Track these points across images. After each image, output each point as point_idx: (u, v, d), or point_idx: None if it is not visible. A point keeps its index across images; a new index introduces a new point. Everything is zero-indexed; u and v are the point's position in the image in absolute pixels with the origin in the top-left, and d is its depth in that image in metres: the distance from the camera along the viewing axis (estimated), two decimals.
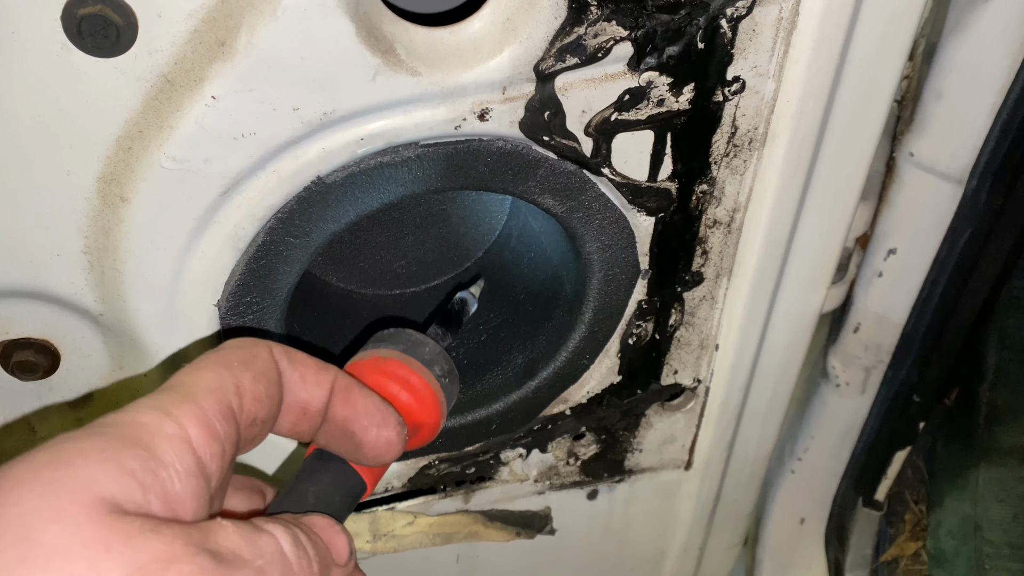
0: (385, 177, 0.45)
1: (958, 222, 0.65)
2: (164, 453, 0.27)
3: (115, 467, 0.26)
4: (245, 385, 0.30)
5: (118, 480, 0.26)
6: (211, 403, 0.29)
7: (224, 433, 0.29)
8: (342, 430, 0.35)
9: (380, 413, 0.36)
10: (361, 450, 0.35)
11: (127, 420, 0.28)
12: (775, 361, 0.67)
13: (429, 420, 0.41)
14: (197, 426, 0.28)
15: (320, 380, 0.34)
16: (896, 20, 0.48)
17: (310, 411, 0.34)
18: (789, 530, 0.96)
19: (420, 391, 0.41)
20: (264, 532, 0.28)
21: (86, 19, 0.35)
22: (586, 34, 0.42)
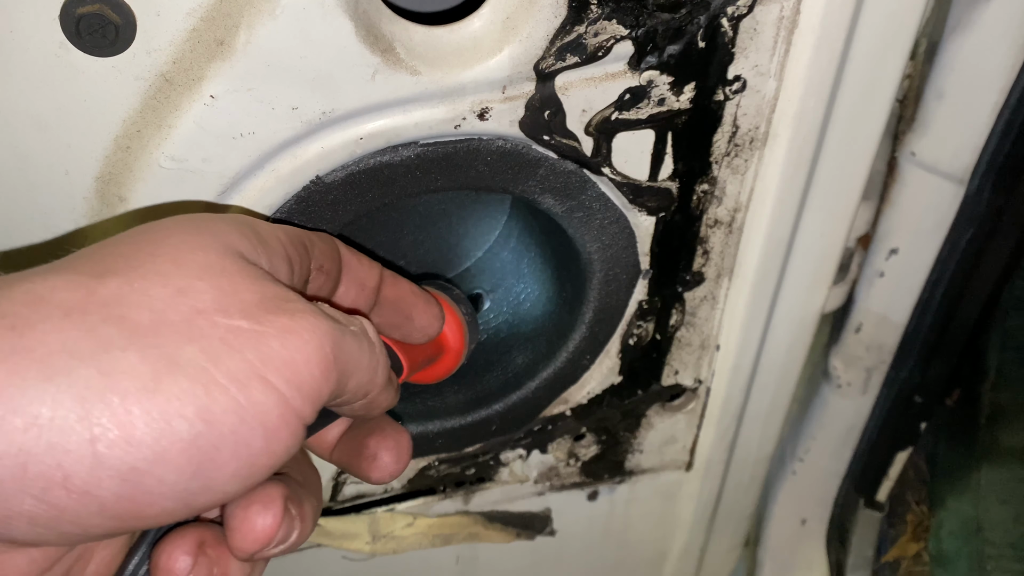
0: (384, 177, 0.44)
1: (960, 222, 0.65)
2: (266, 236, 0.32)
3: (238, 231, 0.31)
4: (315, 239, 0.36)
5: (240, 239, 0.31)
6: (293, 232, 0.34)
7: (301, 255, 0.34)
8: (393, 306, 0.40)
9: (423, 294, 0.42)
10: (411, 322, 0.41)
11: (235, 215, 0.33)
12: (776, 361, 0.67)
13: (455, 345, 0.46)
14: (284, 234, 0.33)
15: (372, 265, 0.40)
16: (897, 19, 0.48)
17: (367, 288, 0.39)
18: (790, 531, 0.96)
19: (448, 316, 0.46)
20: (355, 315, 0.33)
21: (84, 18, 0.35)
22: (586, 33, 0.42)
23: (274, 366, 0.27)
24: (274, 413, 0.27)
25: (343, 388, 0.31)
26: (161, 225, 0.31)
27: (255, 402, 0.27)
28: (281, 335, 0.28)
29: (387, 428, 0.38)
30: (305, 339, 0.28)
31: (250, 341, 0.27)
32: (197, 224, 0.31)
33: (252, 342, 0.27)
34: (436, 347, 0.46)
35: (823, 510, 0.96)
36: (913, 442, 0.85)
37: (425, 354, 0.44)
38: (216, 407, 0.26)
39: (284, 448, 0.28)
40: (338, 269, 0.37)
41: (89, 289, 0.27)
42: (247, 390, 0.27)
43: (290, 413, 0.28)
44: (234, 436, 0.26)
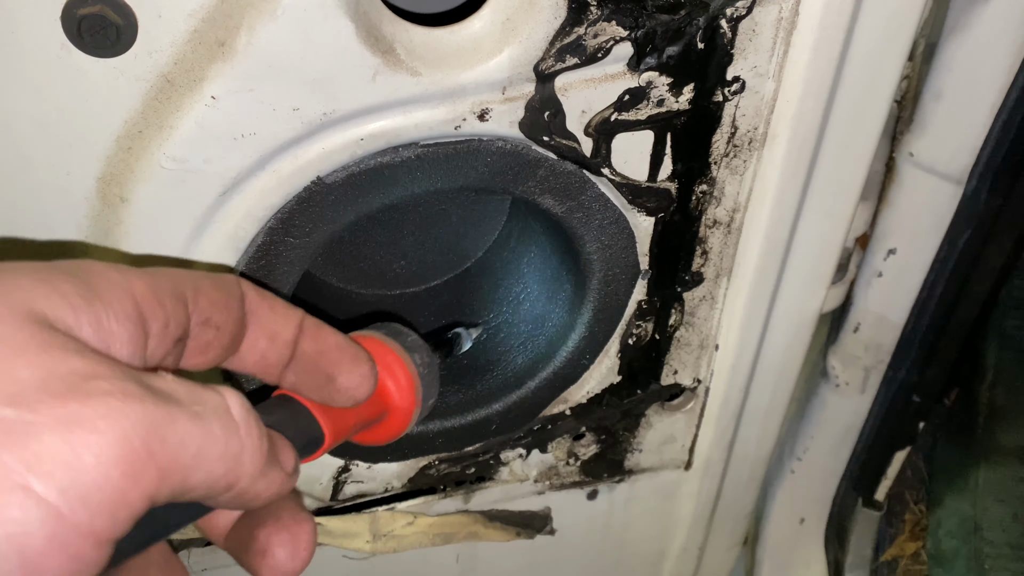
0: (385, 177, 0.45)
1: (958, 222, 0.65)
2: (103, 290, 0.26)
3: (48, 286, 0.25)
4: (204, 286, 0.30)
5: (49, 297, 0.24)
6: (163, 280, 0.28)
7: (171, 309, 0.28)
8: (313, 364, 0.34)
9: (352, 348, 0.35)
10: (333, 383, 0.34)
11: (72, 261, 0.27)
12: (775, 361, 0.67)
13: (401, 403, 0.39)
14: (143, 285, 0.27)
15: (289, 313, 0.33)
16: (896, 20, 0.48)
17: (279, 340, 0.33)
18: (789, 530, 0.96)
19: (394, 369, 0.39)
20: (211, 389, 0.26)
21: (86, 19, 0.35)
22: (586, 34, 0.42)
23: (44, 469, 0.21)
24: (38, 535, 0.21)
25: (182, 486, 0.24)
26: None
27: (8, 521, 0.20)
28: (61, 427, 0.22)
29: (283, 516, 0.32)
30: (99, 429, 0.22)
31: (12, 436, 0.21)
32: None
33: (15, 438, 0.21)
34: (377, 406, 0.39)
35: (822, 509, 0.96)
36: (911, 441, 0.85)
37: (360, 416, 0.37)
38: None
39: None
40: (235, 321, 0.31)
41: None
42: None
43: (68, 532, 0.21)
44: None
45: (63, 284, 0.25)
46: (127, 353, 0.26)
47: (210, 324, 0.30)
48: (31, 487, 0.21)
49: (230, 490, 0.26)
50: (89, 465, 0.22)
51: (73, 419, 0.22)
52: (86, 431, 0.22)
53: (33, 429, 0.21)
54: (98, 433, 0.22)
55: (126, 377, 0.24)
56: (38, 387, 0.22)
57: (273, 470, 0.28)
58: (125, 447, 0.22)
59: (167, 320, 0.28)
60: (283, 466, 0.29)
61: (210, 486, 0.25)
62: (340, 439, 0.36)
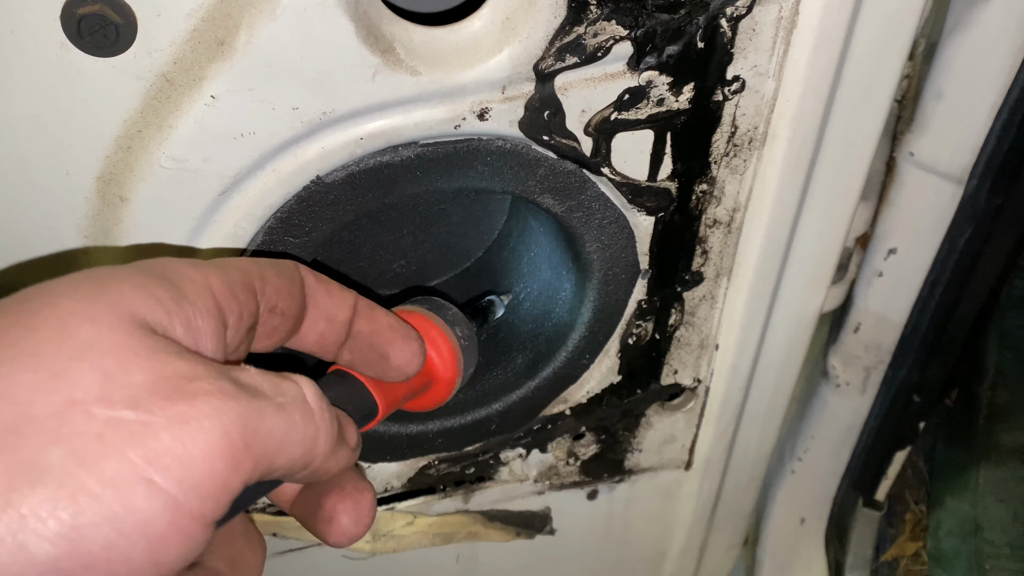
0: (385, 177, 0.45)
1: (958, 222, 0.65)
2: (188, 291, 0.28)
3: (145, 291, 0.27)
4: (269, 275, 0.32)
5: (147, 302, 0.27)
6: (235, 274, 0.30)
7: (243, 300, 0.30)
8: (367, 343, 0.37)
9: (402, 327, 0.38)
10: (387, 360, 0.37)
11: (157, 262, 0.29)
12: (775, 361, 0.67)
13: (445, 374, 0.42)
14: (219, 281, 0.30)
15: (344, 296, 0.36)
16: (896, 19, 0.48)
17: (336, 322, 0.35)
18: (789, 530, 0.96)
19: (438, 342, 0.42)
20: (288, 379, 0.29)
21: (85, 18, 0.35)
22: (586, 33, 0.42)
23: (163, 464, 0.24)
24: (161, 520, 0.24)
25: (270, 468, 0.27)
26: (48, 290, 0.27)
27: (136, 510, 0.23)
28: (173, 426, 0.24)
29: (347, 486, 0.34)
30: (205, 427, 0.25)
31: (135, 436, 0.24)
32: (91, 287, 0.27)
33: (137, 437, 0.24)
34: (423, 377, 0.42)
35: (822, 509, 0.96)
36: (912, 441, 0.85)
37: (409, 388, 0.41)
38: (84, 521, 0.23)
39: (176, 557, 0.24)
40: (298, 305, 0.34)
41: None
42: (125, 496, 0.23)
43: (183, 517, 0.24)
44: (108, 553, 0.23)
45: (157, 289, 0.27)
46: (212, 346, 0.29)
47: (276, 311, 0.32)
48: (153, 480, 0.24)
49: (307, 468, 0.29)
50: (199, 459, 0.24)
51: (182, 418, 0.24)
52: (194, 429, 0.24)
53: (151, 429, 0.24)
54: (204, 430, 0.25)
55: (220, 376, 0.26)
56: (151, 390, 0.25)
57: (341, 447, 0.31)
58: (226, 441, 0.25)
59: (241, 311, 0.30)
60: (348, 442, 0.32)
61: (291, 466, 0.28)
62: (392, 410, 0.39)
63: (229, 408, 0.25)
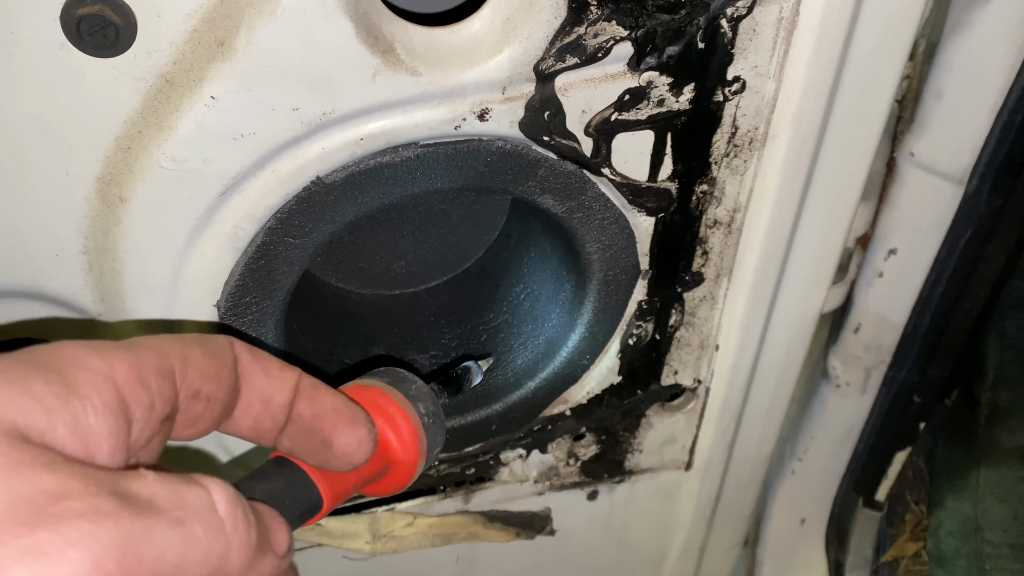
0: (385, 177, 0.45)
1: (959, 222, 0.65)
2: (80, 384, 0.24)
3: (19, 389, 0.23)
4: (193, 356, 0.28)
5: (18, 402, 0.23)
6: (149, 356, 0.27)
7: (157, 388, 0.27)
8: (309, 428, 0.33)
9: (349, 410, 0.34)
10: (330, 448, 0.33)
11: (48, 349, 0.25)
12: (775, 361, 0.67)
13: (405, 458, 0.38)
14: (126, 369, 0.26)
15: (284, 376, 0.32)
16: (896, 20, 0.48)
17: (272, 406, 0.32)
18: (789, 531, 0.96)
19: (397, 422, 0.38)
20: (195, 484, 0.25)
21: (85, 19, 0.35)
22: (586, 34, 0.42)
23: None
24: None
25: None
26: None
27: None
28: (28, 559, 0.21)
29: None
30: (70, 559, 0.21)
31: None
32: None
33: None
34: (379, 462, 0.37)
35: (822, 510, 0.96)
36: (912, 442, 0.85)
37: (361, 476, 0.36)
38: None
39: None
40: (228, 389, 0.30)
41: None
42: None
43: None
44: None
45: (35, 385, 0.24)
46: (108, 448, 0.25)
47: (200, 396, 0.29)
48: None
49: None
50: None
51: (41, 549, 0.21)
52: (55, 561, 0.21)
53: (0, 564, 0.20)
54: (68, 562, 0.21)
55: (99, 490, 0.22)
56: (6, 516, 0.21)
57: (264, 557, 0.27)
58: (98, 573, 0.21)
59: (152, 402, 0.26)
60: (275, 550, 0.28)
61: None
62: (340, 501, 0.35)
63: (103, 532, 0.22)
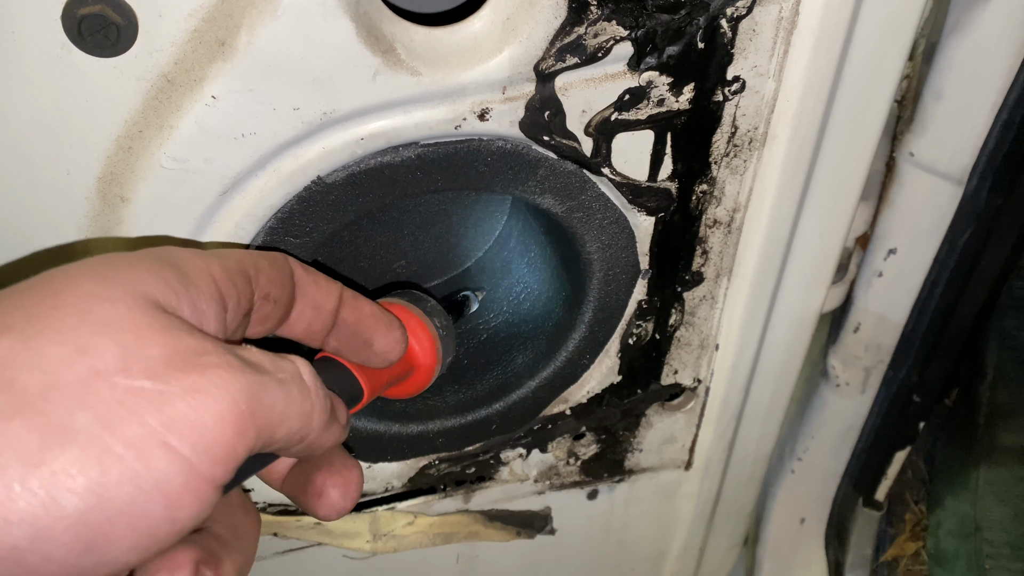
0: (385, 177, 0.45)
1: (958, 222, 0.65)
2: (193, 276, 0.30)
3: (155, 275, 0.29)
4: (262, 265, 0.34)
5: (158, 285, 0.29)
6: (232, 262, 0.32)
7: (240, 287, 0.32)
8: (352, 330, 0.38)
9: (385, 316, 0.40)
10: (371, 347, 0.39)
11: (164, 250, 0.32)
12: (775, 361, 0.67)
13: (426, 362, 0.44)
14: (219, 268, 0.32)
15: (331, 287, 0.38)
16: (896, 20, 0.48)
17: (323, 311, 0.37)
18: (789, 530, 0.97)
19: (418, 332, 0.44)
20: (286, 358, 0.31)
21: (86, 19, 0.35)
22: (586, 34, 0.42)
23: (178, 429, 0.26)
24: (177, 480, 0.26)
25: (270, 439, 0.29)
26: (69, 272, 0.29)
27: (155, 470, 0.25)
28: (188, 395, 0.26)
29: (336, 463, 0.36)
30: (216, 397, 0.27)
31: (152, 403, 0.26)
32: (108, 270, 0.29)
33: (155, 404, 0.26)
34: (405, 365, 0.44)
35: (822, 509, 0.96)
36: (911, 441, 0.85)
37: (391, 374, 0.43)
38: (109, 478, 0.25)
39: (190, 515, 0.26)
40: (289, 295, 0.35)
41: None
42: (146, 458, 0.25)
43: (196, 479, 0.26)
44: (130, 508, 0.25)
45: (166, 273, 0.29)
46: (214, 328, 0.31)
47: (269, 298, 0.34)
48: (170, 443, 0.26)
49: (303, 441, 0.31)
50: (210, 425, 0.26)
51: (195, 388, 0.27)
52: (206, 397, 0.27)
53: (167, 397, 0.26)
54: (215, 399, 0.27)
55: (227, 351, 0.28)
56: (166, 362, 0.27)
57: (333, 424, 0.33)
58: (235, 410, 0.27)
59: (239, 297, 0.32)
60: (339, 420, 0.34)
61: (288, 438, 0.30)
62: (376, 394, 0.41)
63: (236, 380, 0.27)
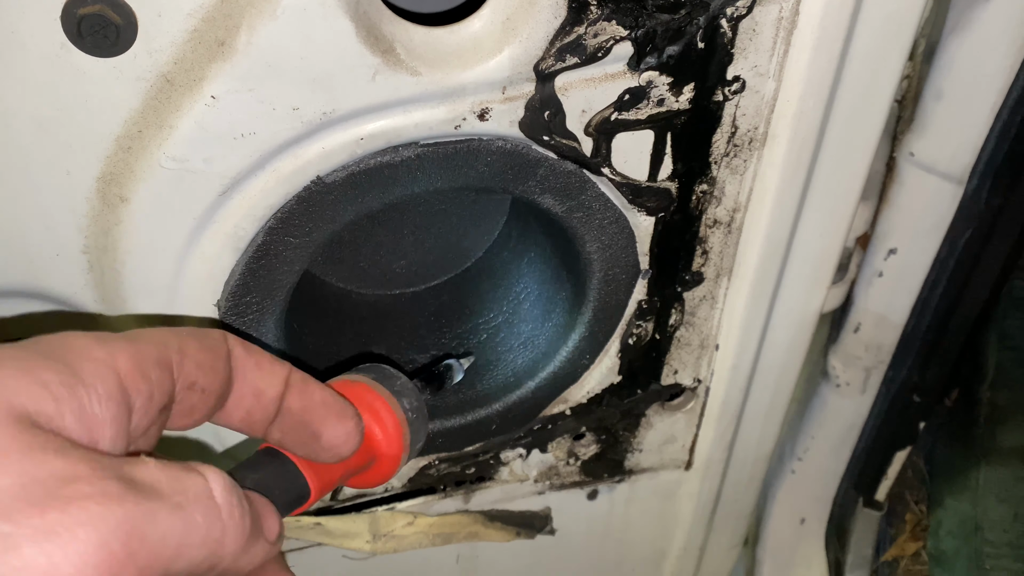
0: (385, 177, 0.45)
1: (958, 222, 0.65)
2: (85, 372, 0.26)
3: (29, 377, 0.24)
4: (189, 349, 0.30)
5: (29, 390, 0.24)
6: (149, 348, 0.28)
7: (156, 379, 0.28)
8: (299, 421, 0.34)
9: (338, 404, 0.35)
10: (319, 441, 0.34)
11: (55, 339, 0.27)
12: (775, 361, 0.67)
13: (389, 451, 0.40)
14: (127, 359, 0.27)
15: (276, 370, 0.33)
16: (896, 20, 0.48)
17: (264, 399, 0.33)
18: (789, 530, 0.96)
19: (382, 416, 0.40)
20: (193, 472, 0.26)
21: (86, 19, 0.35)
22: (586, 34, 0.42)
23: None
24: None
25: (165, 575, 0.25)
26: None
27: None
28: (39, 537, 0.22)
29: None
30: (79, 538, 0.22)
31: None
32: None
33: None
34: (364, 455, 0.39)
35: (822, 509, 0.96)
36: (912, 441, 0.85)
37: (347, 467, 0.38)
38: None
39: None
40: (222, 382, 0.31)
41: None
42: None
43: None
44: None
45: (45, 373, 0.25)
46: (111, 435, 0.26)
47: (196, 388, 0.30)
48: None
49: (213, 570, 0.26)
50: (69, 574, 0.22)
51: (52, 528, 0.22)
52: (65, 540, 0.22)
53: (12, 541, 0.21)
54: (77, 541, 0.22)
55: (107, 475, 0.24)
56: (18, 496, 0.22)
57: (256, 543, 0.28)
58: (104, 552, 0.22)
59: (152, 392, 0.28)
60: (266, 536, 0.29)
61: (191, 571, 0.25)
62: (327, 491, 0.36)
63: (110, 514, 0.23)
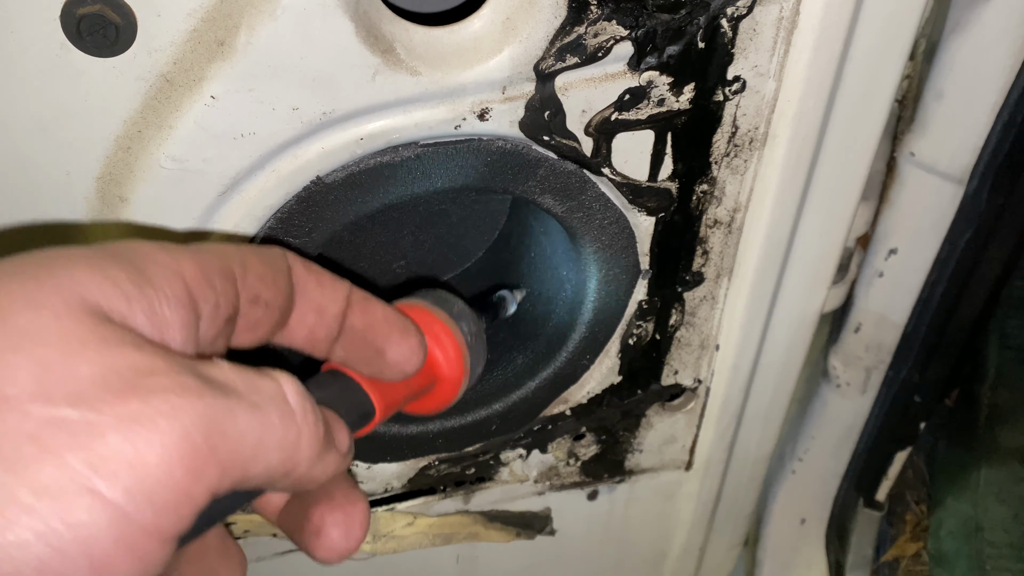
0: (385, 177, 0.45)
1: (959, 222, 0.65)
2: (154, 275, 0.25)
3: (101, 275, 0.24)
4: (251, 262, 0.29)
5: (102, 285, 0.24)
6: (212, 258, 0.27)
7: (220, 289, 0.27)
8: (361, 338, 0.33)
9: (400, 321, 0.35)
10: (383, 357, 0.34)
11: (121, 244, 0.26)
12: (776, 361, 0.67)
13: (450, 374, 0.39)
14: (192, 266, 0.26)
15: (337, 287, 0.32)
16: (897, 20, 0.48)
17: (327, 315, 0.32)
18: (790, 530, 0.96)
19: (442, 339, 0.39)
20: (267, 375, 0.26)
21: (85, 19, 0.35)
22: (586, 33, 0.42)
23: (109, 470, 0.21)
24: (106, 536, 0.20)
25: (243, 477, 0.24)
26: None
27: (76, 524, 0.20)
28: (123, 426, 0.21)
29: (337, 496, 0.31)
30: (162, 428, 0.21)
31: (76, 437, 0.21)
32: (39, 269, 0.23)
33: (79, 439, 0.21)
34: (426, 377, 0.38)
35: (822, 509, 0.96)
36: (912, 442, 0.85)
37: (410, 388, 0.37)
38: (10, 537, 0.19)
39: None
40: (284, 297, 0.30)
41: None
42: (63, 508, 0.20)
43: (134, 532, 0.21)
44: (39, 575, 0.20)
45: (115, 271, 0.24)
46: (181, 338, 0.25)
47: (259, 302, 0.29)
48: (97, 489, 0.20)
49: (288, 476, 0.26)
50: (152, 464, 0.21)
51: (135, 418, 0.21)
52: (148, 430, 0.21)
53: (96, 429, 0.21)
54: (160, 432, 0.21)
55: (184, 370, 0.23)
56: (99, 385, 0.22)
57: (329, 453, 0.27)
58: (187, 444, 0.22)
59: (217, 301, 0.27)
60: (338, 447, 0.28)
61: (269, 474, 0.25)
62: (391, 412, 0.36)
63: (191, 407, 0.22)
